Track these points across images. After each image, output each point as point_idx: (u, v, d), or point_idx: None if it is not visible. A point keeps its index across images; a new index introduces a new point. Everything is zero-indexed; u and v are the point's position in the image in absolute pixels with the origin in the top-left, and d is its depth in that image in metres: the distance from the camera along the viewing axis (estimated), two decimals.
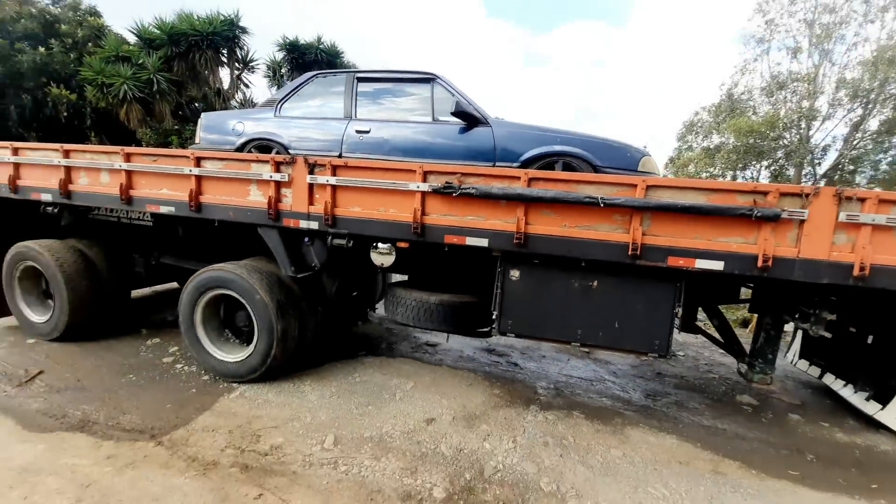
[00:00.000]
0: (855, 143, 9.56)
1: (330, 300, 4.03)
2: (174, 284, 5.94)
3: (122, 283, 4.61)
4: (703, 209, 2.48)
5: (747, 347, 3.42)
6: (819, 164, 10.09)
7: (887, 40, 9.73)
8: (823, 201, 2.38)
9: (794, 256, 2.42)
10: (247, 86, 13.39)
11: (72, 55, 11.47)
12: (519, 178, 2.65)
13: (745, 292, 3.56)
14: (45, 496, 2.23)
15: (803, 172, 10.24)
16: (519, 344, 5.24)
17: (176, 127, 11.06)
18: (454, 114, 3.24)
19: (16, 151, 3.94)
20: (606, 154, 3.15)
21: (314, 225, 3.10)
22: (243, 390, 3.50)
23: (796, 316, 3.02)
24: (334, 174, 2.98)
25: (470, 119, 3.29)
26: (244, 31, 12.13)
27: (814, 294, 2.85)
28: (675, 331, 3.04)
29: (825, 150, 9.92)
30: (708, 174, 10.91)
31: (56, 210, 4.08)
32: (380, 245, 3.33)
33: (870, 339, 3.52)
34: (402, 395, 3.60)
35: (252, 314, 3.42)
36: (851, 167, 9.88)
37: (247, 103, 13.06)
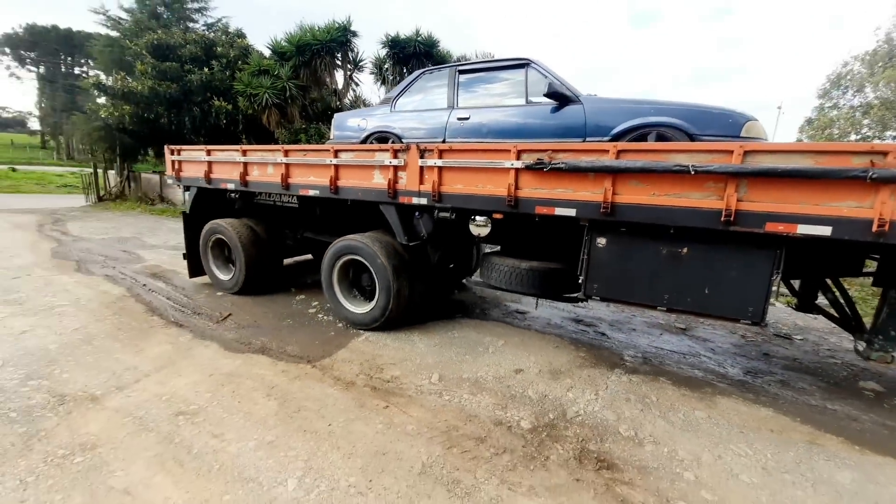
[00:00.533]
0: None
1: (433, 268, 4.69)
2: (309, 256, 7.28)
3: (278, 251, 5.90)
4: (807, 172, 2.43)
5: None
6: None
7: None
8: None
9: None
10: (357, 84, 14.93)
11: (227, 72, 14.11)
12: (608, 150, 2.87)
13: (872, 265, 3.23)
14: (247, 390, 3.23)
15: None
16: (608, 316, 5.35)
17: (304, 126, 12.94)
18: (547, 95, 3.52)
19: (209, 153, 5.32)
20: (705, 121, 3.13)
21: (424, 201, 3.71)
22: (368, 335, 4.35)
23: None
24: (440, 157, 3.53)
25: (561, 98, 3.54)
26: (354, 34, 13.49)
27: None
28: (781, 302, 2.97)
29: None
30: (857, 138, 9.03)
31: (237, 196, 5.41)
32: (477, 217, 3.81)
33: None
34: (494, 350, 4.10)
35: (374, 275, 4.22)
36: None
37: (357, 101, 14.59)
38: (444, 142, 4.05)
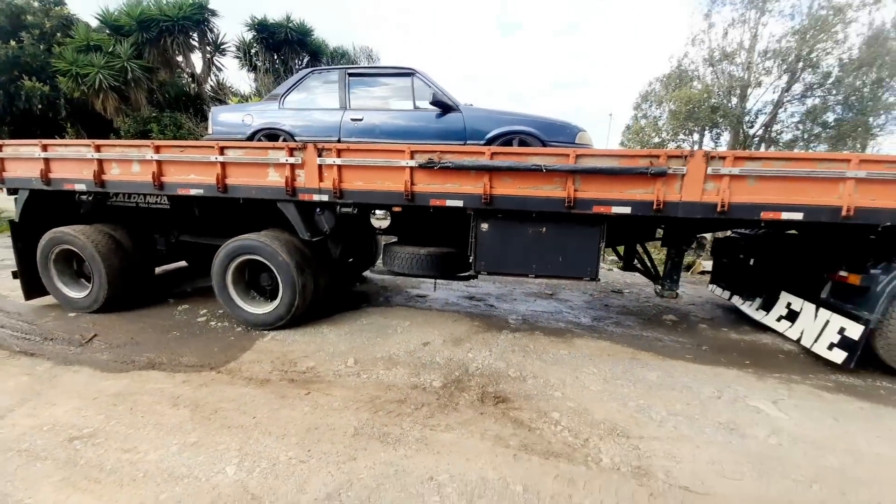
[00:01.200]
0: (783, 105, 10.87)
1: (335, 262, 4.88)
2: (184, 263, 6.61)
3: (147, 259, 5.28)
4: (615, 170, 3.45)
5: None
6: (752, 126, 11.34)
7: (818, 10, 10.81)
8: (697, 160, 3.37)
9: (677, 200, 3.42)
10: (219, 69, 13.46)
11: (41, 46, 11.28)
12: (484, 153, 3.53)
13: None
14: (148, 405, 3.05)
15: (742, 133, 11.49)
16: (494, 291, 6.26)
17: (154, 115, 11.21)
18: (432, 103, 4.04)
19: (45, 148, 4.48)
20: (551, 131, 4.05)
21: (325, 197, 3.90)
22: (273, 335, 4.35)
23: (692, 245, 4.09)
24: (339, 156, 3.77)
25: (444, 107, 4.11)
26: (213, 13, 12.13)
27: (699, 229, 3.92)
28: (617, 267, 4.05)
29: (757, 114, 11.22)
30: (658, 140, 12.05)
31: (90, 198, 4.67)
32: (377, 212, 4.16)
33: (751, 262, 4.68)
34: (402, 330, 4.55)
35: (276, 273, 4.23)
36: (776, 127, 11.26)
37: (221, 87, 13.18)
38: (339, 141, 4.26)
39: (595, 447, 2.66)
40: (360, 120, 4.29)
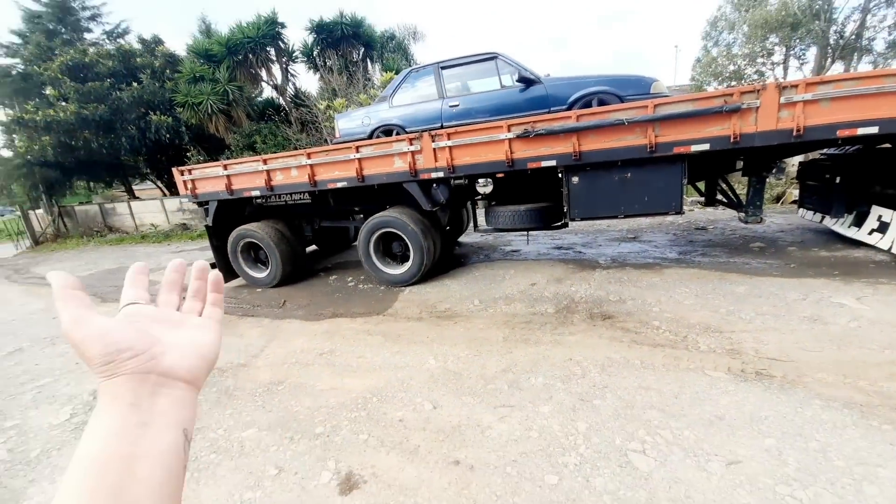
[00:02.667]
0: (869, 11, 9.56)
1: (443, 229, 5.94)
2: (314, 247, 8.15)
3: (301, 244, 6.78)
4: (691, 113, 3.95)
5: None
6: (841, 37, 10.14)
7: None
8: (770, 92, 3.76)
9: (753, 131, 3.86)
10: (294, 76, 15.02)
11: (157, 84, 13.59)
12: (571, 117, 4.22)
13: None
14: (352, 335, 4.33)
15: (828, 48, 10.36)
16: (579, 240, 6.96)
17: (255, 128, 13.06)
18: (518, 80, 4.77)
19: (226, 167, 5.99)
20: (627, 86, 4.58)
21: (441, 174, 4.88)
22: (410, 289, 5.55)
23: (773, 171, 4.45)
24: (449, 138, 4.69)
25: (528, 81, 4.81)
26: (283, 25, 13.54)
27: (777, 155, 4.27)
28: (699, 204, 4.57)
29: (844, 22, 9.98)
30: (734, 68, 11.31)
31: (264, 201, 6.17)
32: (480, 180, 5.06)
33: (837, 181, 4.86)
34: (509, 277, 5.51)
35: (407, 240, 5.37)
36: (868, 34, 9.95)
37: (298, 93, 14.74)
38: (441, 126, 5.19)
39: (693, 340, 3.41)
40: (457, 105, 5.16)
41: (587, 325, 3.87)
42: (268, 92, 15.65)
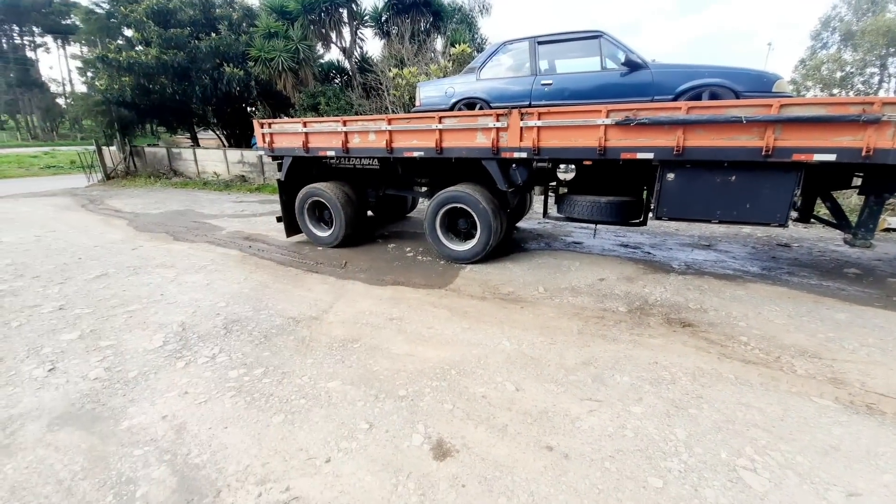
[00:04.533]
0: None
1: (512, 209, 5.80)
2: (370, 213, 8.23)
3: (364, 207, 6.85)
4: (822, 118, 3.56)
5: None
6: None
7: None
8: None
9: (889, 147, 3.44)
10: (362, 40, 14.95)
11: (233, 37, 13.92)
12: (680, 108, 3.92)
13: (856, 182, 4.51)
14: (417, 305, 4.36)
15: None
16: (647, 241, 6.64)
17: (321, 90, 13.19)
18: (623, 63, 4.47)
19: (305, 125, 6.07)
20: (746, 81, 4.19)
21: (524, 155, 4.72)
22: (471, 268, 5.50)
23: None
24: (539, 118, 4.50)
25: (634, 65, 4.51)
26: None
27: None
28: (792, 217, 4.20)
29: None
30: (841, 75, 10.21)
31: (338, 162, 6.25)
32: (562, 165, 4.86)
33: None
34: (574, 269, 5.34)
35: (476, 217, 5.29)
36: None
37: (364, 58, 14.69)
38: (530, 105, 4.99)
39: (788, 362, 3.17)
40: (550, 84, 4.93)
41: (666, 330, 3.69)
42: (335, 54, 15.72)
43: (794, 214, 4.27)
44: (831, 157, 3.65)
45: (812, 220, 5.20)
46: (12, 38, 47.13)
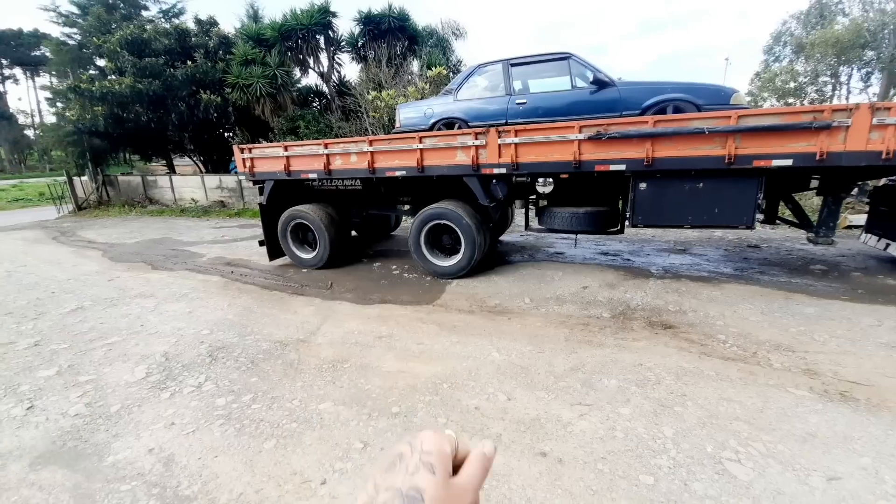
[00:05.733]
0: None
1: (494, 223, 5.94)
2: (354, 233, 8.25)
3: (348, 228, 6.88)
4: (777, 126, 3.84)
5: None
6: None
7: None
8: (863, 112, 3.63)
9: (841, 150, 3.73)
10: (340, 65, 15.21)
11: (209, 64, 13.96)
12: (647, 122, 4.16)
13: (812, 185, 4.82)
14: (406, 322, 4.37)
15: None
16: (625, 248, 6.86)
17: (300, 113, 13.29)
18: (592, 82, 4.73)
19: (286, 148, 6.11)
20: (705, 95, 4.49)
21: (503, 170, 4.87)
22: (457, 282, 5.56)
23: (852, 192, 4.30)
24: (516, 135, 4.68)
25: (601, 83, 4.77)
26: (335, 14, 13.73)
27: (858, 177, 4.12)
28: (758, 221, 4.44)
29: None
30: (793, 85, 10.96)
31: (320, 184, 6.29)
32: (540, 179, 5.03)
33: None
34: (558, 278, 5.47)
35: (460, 233, 5.38)
36: None
37: (343, 82, 14.91)
38: (506, 123, 5.18)
39: (764, 357, 3.32)
40: (524, 103, 5.15)
41: (649, 333, 3.81)
42: (313, 79, 15.91)
43: (759, 217, 4.51)
44: (788, 162, 3.92)
45: (777, 221, 5.50)
46: None
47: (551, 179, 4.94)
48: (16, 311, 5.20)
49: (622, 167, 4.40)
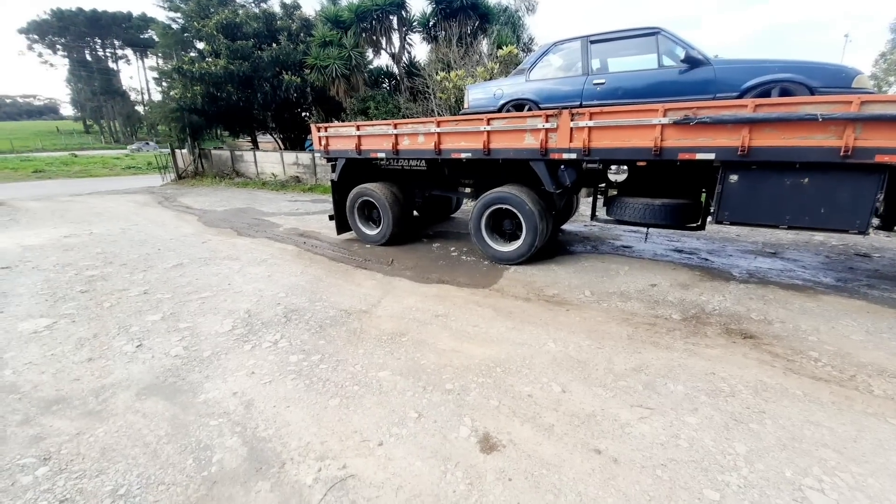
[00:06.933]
0: None
1: (558, 211, 5.73)
2: (415, 213, 8.42)
3: (411, 207, 7.05)
4: None
5: None
6: None
7: None
8: None
9: None
10: (410, 45, 15.33)
11: (292, 46, 14.81)
12: (746, 106, 3.70)
13: None
14: (462, 304, 4.42)
15: None
16: (704, 246, 6.30)
17: (371, 94, 13.69)
18: (683, 60, 4.30)
19: (358, 128, 6.35)
20: (822, 76, 3.88)
21: (574, 156, 4.66)
22: (515, 269, 5.50)
23: None
24: (591, 118, 4.43)
25: (695, 62, 4.31)
26: None
27: None
28: (873, 224, 3.82)
29: None
30: None
31: (387, 163, 6.50)
32: (613, 167, 4.74)
33: None
34: (624, 273, 5.18)
35: (522, 219, 5.28)
36: None
37: (412, 63, 15.05)
38: (580, 105, 4.92)
39: (864, 381, 2.91)
40: (603, 83, 4.83)
41: (725, 341, 3.50)
42: (384, 60, 16.22)
43: (875, 221, 3.89)
44: None
45: None
46: (95, 50, 52.81)
47: (626, 167, 4.63)
48: (129, 262, 6.07)
49: (711, 156, 3.99)
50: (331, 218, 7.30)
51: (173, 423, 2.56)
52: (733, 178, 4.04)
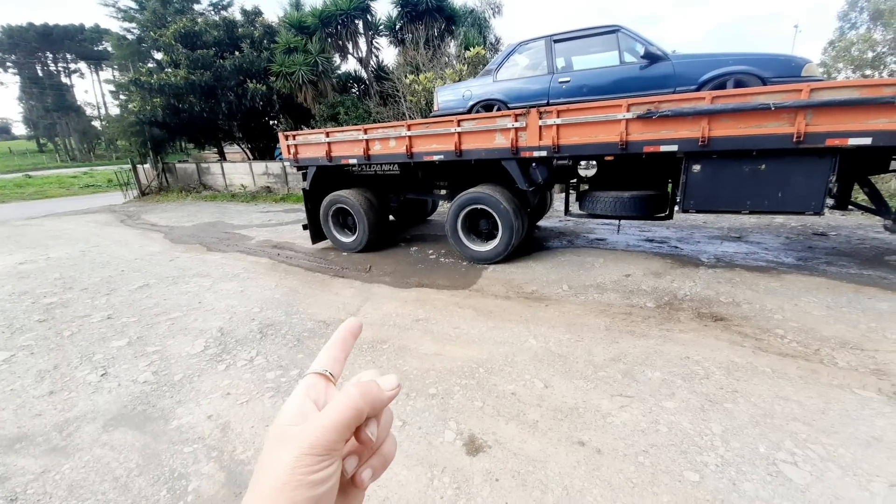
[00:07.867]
0: None
1: (532, 208, 5.80)
2: (391, 218, 8.37)
3: (386, 212, 6.99)
4: (855, 101, 3.43)
5: None
6: None
7: None
8: None
9: None
10: (378, 49, 15.22)
11: (255, 54, 14.44)
12: (704, 98, 3.85)
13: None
14: (443, 306, 4.42)
15: None
16: (673, 234, 6.50)
17: (340, 100, 13.50)
18: (643, 56, 4.43)
19: (328, 135, 6.25)
20: (773, 66, 4.08)
21: (544, 153, 4.72)
22: (493, 268, 5.53)
23: None
24: (559, 116, 4.50)
25: (654, 58, 4.45)
26: None
27: None
28: (828, 205, 4.03)
29: None
30: (872, 55, 9.71)
31: (359, 169, 6.41)
32: (583, 162, 4.84)
33: None
34: (599, 265, 5.29)
35: (497, 218, 5.32)
36: None
37: (380, 67, 14.95)
38: (548, 103, 4.99)
39: (828, 355, 3.06)
40: (568, 81, 4.93)
41: (697, 325, 3.62)
42: (352, 65, 16.07)
43: (829, 202, 4.12)
44: (867, 141, 3.51)
45: (850, 206, 4.98)
46: (46, 64, 50.18)
47: (595, 162, 4.74)
48: (90, 287, 5.76)
49: (674, 148, 4.13)
50: (305, 227, 7.15)
51: (144, 453, 2.44)
52: (696, 168, 4.18)
